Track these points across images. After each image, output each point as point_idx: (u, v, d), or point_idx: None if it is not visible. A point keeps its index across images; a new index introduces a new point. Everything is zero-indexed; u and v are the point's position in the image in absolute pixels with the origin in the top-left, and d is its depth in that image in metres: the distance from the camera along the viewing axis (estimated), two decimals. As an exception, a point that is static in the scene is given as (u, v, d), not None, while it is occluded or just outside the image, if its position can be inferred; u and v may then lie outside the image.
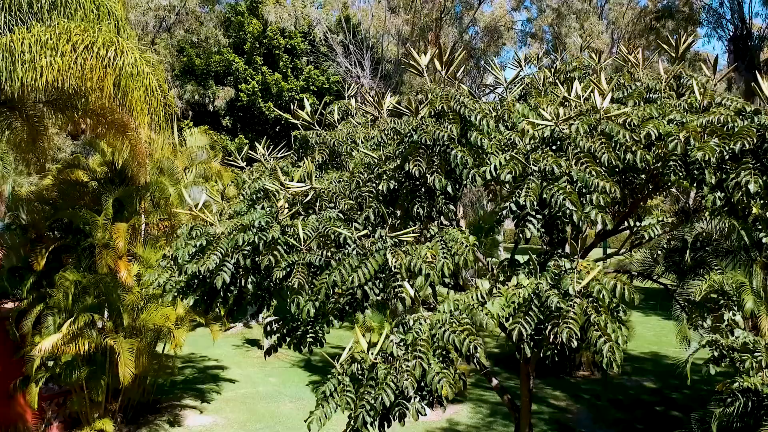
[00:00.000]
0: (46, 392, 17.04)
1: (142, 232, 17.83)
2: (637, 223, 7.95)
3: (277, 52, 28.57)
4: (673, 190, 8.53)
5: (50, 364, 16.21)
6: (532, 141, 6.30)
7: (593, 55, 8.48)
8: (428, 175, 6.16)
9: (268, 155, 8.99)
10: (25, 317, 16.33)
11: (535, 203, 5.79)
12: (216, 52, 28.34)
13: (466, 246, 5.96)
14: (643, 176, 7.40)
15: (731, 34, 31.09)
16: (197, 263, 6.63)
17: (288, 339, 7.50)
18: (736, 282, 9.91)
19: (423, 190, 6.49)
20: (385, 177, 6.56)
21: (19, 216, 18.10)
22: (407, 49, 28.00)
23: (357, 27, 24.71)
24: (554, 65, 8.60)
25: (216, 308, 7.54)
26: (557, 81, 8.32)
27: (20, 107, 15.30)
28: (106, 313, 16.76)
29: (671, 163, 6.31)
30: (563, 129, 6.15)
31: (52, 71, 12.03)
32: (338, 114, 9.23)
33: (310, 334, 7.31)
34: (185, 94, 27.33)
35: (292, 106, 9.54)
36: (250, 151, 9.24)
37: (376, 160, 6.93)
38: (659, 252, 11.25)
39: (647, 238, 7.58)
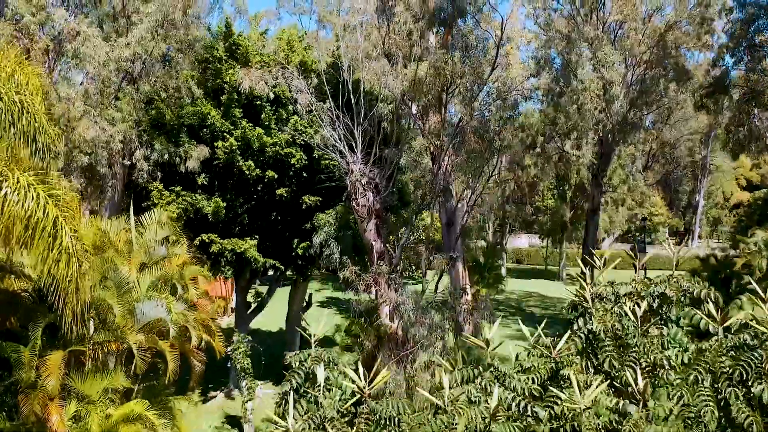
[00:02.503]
0: None
1: (88, 359, 14.48)
2: None
3: (258, 102, 25.30)
4: None
5: None
6: None
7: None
8: None
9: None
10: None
11: None
12: (190, 103, 25.03)
13: None
14: None
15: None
16: None
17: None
18: None
19: None
20: None
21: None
22: (406, 102, 24.84)
23: (344, 79, 21.41)
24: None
25: None
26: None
27: None
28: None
29: None
30: None
31: None
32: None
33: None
34: (153, 154, 23.99)
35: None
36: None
37: None
38: None
39: None
